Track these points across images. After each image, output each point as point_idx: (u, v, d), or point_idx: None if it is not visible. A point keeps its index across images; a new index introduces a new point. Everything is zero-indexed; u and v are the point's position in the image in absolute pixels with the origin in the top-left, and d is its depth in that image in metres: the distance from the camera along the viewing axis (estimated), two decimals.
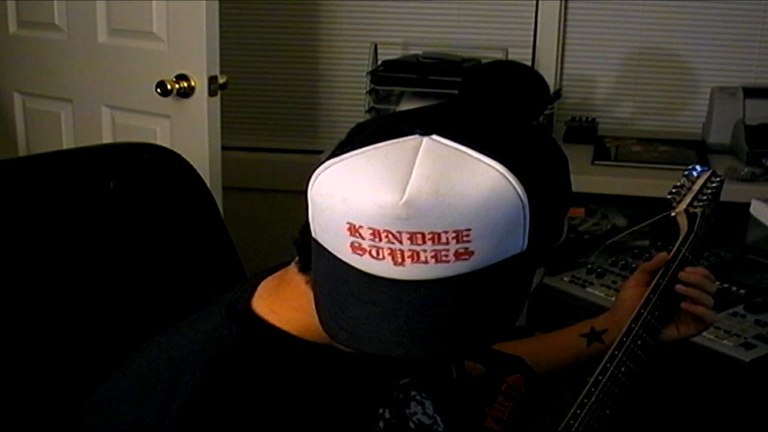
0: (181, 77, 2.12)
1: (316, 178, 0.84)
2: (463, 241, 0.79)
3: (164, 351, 0.98)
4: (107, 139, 2.32)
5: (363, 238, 0.80)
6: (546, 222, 0.85)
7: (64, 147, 2.37)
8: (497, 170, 0.79)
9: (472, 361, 1.22)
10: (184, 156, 1.49)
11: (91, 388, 1.02)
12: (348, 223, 0.80)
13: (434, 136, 0.82)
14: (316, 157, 2.57)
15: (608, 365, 1.21)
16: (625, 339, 1.22)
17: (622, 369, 1.21)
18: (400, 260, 0.79)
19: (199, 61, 2.11)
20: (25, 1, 2.40)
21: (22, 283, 1.22)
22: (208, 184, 1.53)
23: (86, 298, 1.27)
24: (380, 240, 0.79)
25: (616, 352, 1.22)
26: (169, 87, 2.11)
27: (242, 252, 1.51)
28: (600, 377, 1.20)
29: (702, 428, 1.65)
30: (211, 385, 0.92)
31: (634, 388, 1.23)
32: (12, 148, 2.53)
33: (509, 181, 0.79)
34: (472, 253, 0.79)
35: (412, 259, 0.79)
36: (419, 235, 0.78)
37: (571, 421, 1.18)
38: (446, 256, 0.79)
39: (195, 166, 1.49)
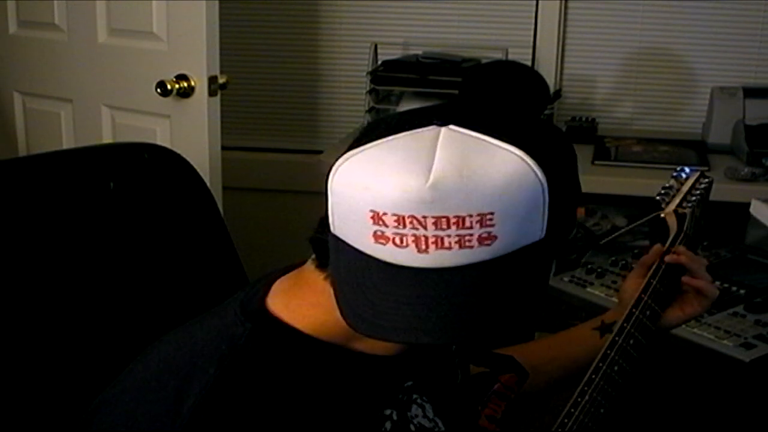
0: (181, 77, 2.12)
1: (337, 169, 0.84)
2: (487, 225, 0.80)
3: (177, 348, 0.98)
4: (107, 139, 2.32)
5: (386, 226, 0.80)
6: (561, 210, 0.86)
7: (64, 147, 2.37)
8: (516, 155, 0.80)
9: (475, 364, 1.22)
10: (184, 156, 1.49)
11: (90, 388, 1.02)
12: (371, 211, 0.81)
13: (452, 126, 0.83)
14: (316, 157, 2.57)
15: (601, 364, 1.21)
16: (625, 324, 1.24)
17: (615, 368, 1.21)
18: (423, 247, 0.80)
19: (199, 61, 2.11)
20: (25, 1, 2.41)
21: (22, 282, 1.22)
22: (208, 184, 1.53)
23: (87, 298, 1.27)
24: (404, 227, 0.80)
25: (607, 352, 1.22)
26: (169, 87, 2.11)
27: (242, 252, 1.51)
28: (593, 376, 1.21)
29: (702, 428, 1.65)
30: (224, 384, 0.92)
31: (629, 384, 1.23)
32: (12, 148, 2.53)
33: (529, 165, 0.80)
34: (495, 238, 0.80)
35: (436, 245, 0.80)
36: (444, 220, 0.79)
37: (566, 420, 1.18)
38: (470, 241, 0.80)
39: (195, 166, 1.49)
